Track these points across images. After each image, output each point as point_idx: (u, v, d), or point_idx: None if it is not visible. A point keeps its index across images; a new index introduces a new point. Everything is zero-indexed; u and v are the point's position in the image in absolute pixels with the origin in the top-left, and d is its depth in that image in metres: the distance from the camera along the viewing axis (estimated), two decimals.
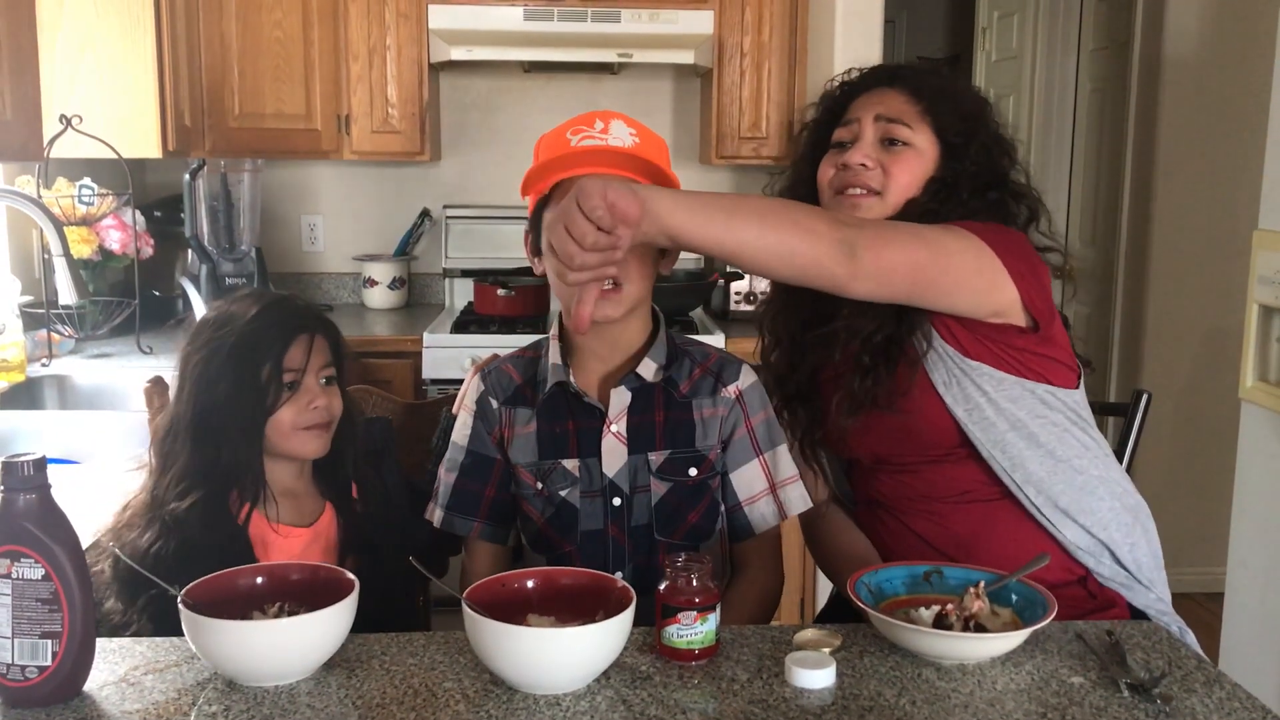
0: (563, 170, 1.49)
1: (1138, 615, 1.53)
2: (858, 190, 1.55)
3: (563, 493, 1.56)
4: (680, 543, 1.56)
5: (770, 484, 1.60)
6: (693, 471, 1.56)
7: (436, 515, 1.61)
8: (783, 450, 1.61)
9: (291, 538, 1.53)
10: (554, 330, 1.61)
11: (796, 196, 1.65)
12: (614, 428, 1.55)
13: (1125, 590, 1.54)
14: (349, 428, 1.59)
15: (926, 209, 1.53)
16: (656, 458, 1.56)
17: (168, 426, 1.52)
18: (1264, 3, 3.43)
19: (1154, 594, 1.55)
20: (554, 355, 1.58)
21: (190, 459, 1.49)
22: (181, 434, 1.50)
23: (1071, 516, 1.52)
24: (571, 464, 1.56)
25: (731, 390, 1.59)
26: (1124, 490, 1.58)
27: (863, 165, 1.55)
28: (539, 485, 1.56)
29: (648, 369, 1.56)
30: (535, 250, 1.58)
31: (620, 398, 1.55)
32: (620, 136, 1.50)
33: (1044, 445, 1.52)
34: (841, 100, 1.63)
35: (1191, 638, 1.49)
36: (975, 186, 1.54)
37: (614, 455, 1.55)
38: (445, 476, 1.62)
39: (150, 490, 1.50)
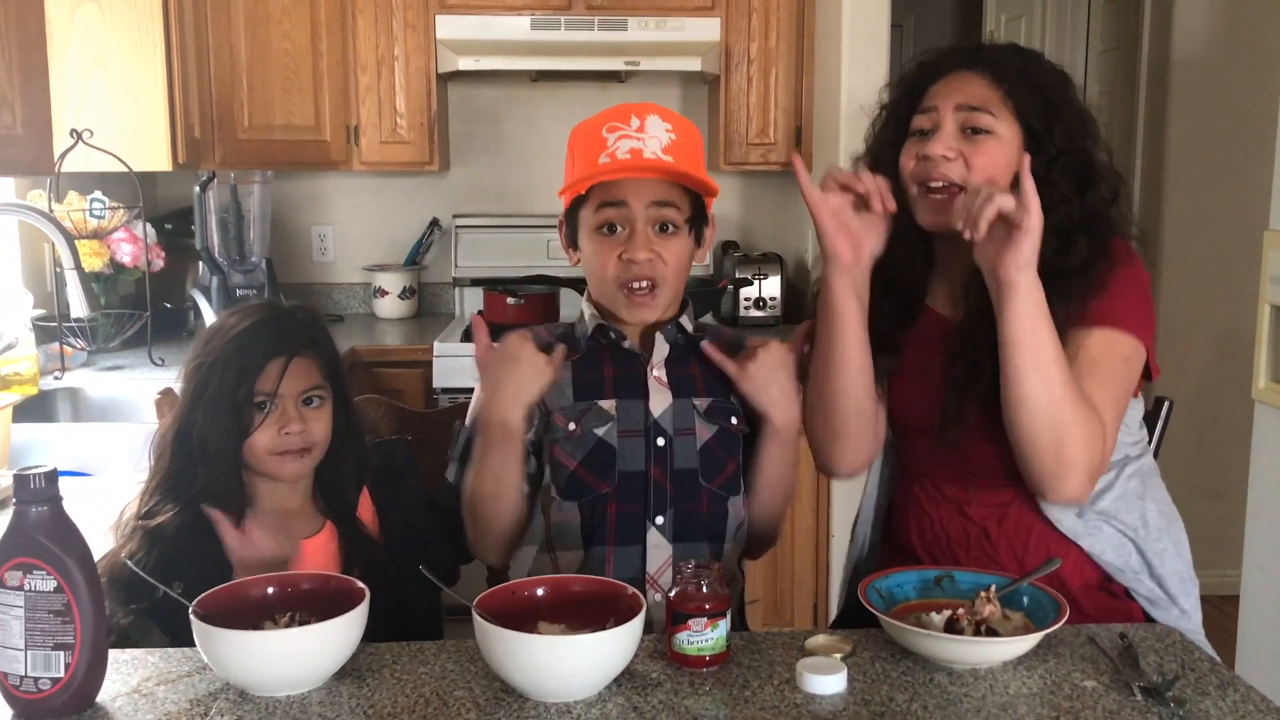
0: (600, 174, 1.53)
1: None
2: (939, 185, 1.49)
3: (598, 432, 1.55)
4: (720, 491, 1.57)
5: None
6: (734, 420, 1.59)
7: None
8: None
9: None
10: (586, 294, 1.64)
11: None
12: (655, 372, 1.58)
13: (1150, 606, 1.53)
14: (353, 443, 1.57)
15: None
16: (702, 403, 1.58)
17: (160, 438, 1.52)
18: (1272, 3, 3.42)
19: (1176, 610, 1.53)
20: (589, 310, 1.62)
21: (171, 472, 1.48)
22: (169, 446, 1.50)
23: (1108, 518, 1.51)
24: (608, 404, 1.56)
25: None
26: (1160, 498, 1.58)
27: (944, 157, 1.49)
28: (571, 426, 1.55)
29: (687, 322, 1.61)
30: (571, 243, 1.62)
31: (662, 346, 1.59)
32: (656, 134, 1.52)
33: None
34: (920, 83, 1.57)
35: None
36: (1069, 178, 1.49)
37: (661, 395, 1.57)
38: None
39: (138, 498, 1.51)
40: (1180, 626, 1.51)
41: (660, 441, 1.55)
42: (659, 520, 1.54)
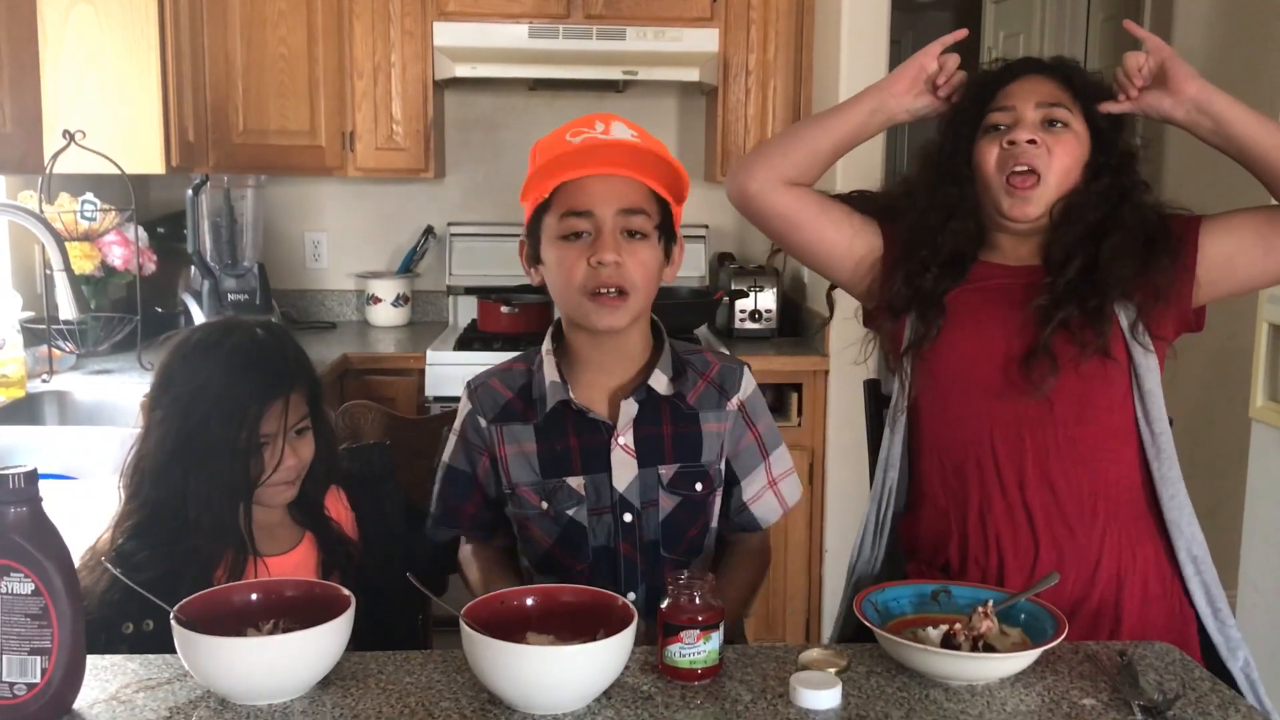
0: (564, 171, 1.46)
1: (1207, 649, 1.55)
2: (1023, 169, 1.54)
3: (570, 512, 1.53)
4: (682, 558, 1.55)
5: (770, 481, 1.61)
6: (699, 487, 1.54)
7: (429, 523, 1.62)
8: (781, 450, 1.62)
9: (266, 569, 1.48)
10: (547, 345, 1.57)
11: (948, 175, 1.62)
12: (621, 440, 1.52)
13: (1211, 615, 1.56)
14: (325, 451, 1.54)
15: (1104, 195, 1.56)
16: (667, 471, 1.53)
17: (135, 467, 1.46)
18: (1272, 15, 3.42)
19: (1231, 623, 1.56)
20: (550, 373, 1.54)
21: (153, 509, 1.43)
22: (147, 478, 1.44)
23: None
24: (576, 482, 1.53)
25: (734, 403, 1.58)
26: (1192, 512, 1.62)
27: (1030, 141, 1.54)
28: (544, 505, 1.53)
29: (659, 381, 1.53)
30: (533, 259, 1.56)
31: (629, 409, 1.52)
32: (621, 135, 1.46)
33: None
34: (994, 84, 1.61)
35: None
36: (1122, 179, 1.59)
37: (624, 469, 1.52)
38: (436, 485, 1.63)
39: (112, 529, 1.45)
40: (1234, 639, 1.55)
41: (628, 517, 1.53)
42: (631, 596, 1.52)
